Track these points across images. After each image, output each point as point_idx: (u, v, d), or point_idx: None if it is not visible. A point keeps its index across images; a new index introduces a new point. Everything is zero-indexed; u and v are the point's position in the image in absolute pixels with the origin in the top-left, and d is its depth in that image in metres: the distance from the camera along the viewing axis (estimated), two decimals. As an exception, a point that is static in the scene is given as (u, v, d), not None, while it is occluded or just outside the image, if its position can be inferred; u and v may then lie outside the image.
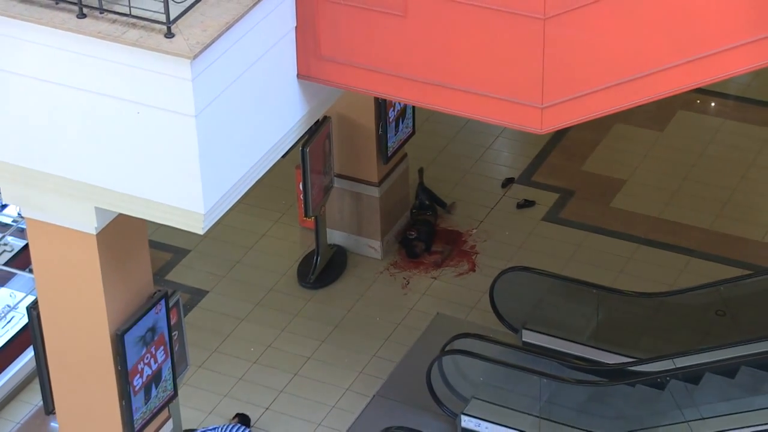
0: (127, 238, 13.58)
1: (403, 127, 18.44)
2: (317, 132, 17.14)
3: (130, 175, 12.20)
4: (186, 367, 15.50)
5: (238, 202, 12.64)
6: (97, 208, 12.86)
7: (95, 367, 13.98)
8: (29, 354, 16.39)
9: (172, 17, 11.44)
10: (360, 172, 18.26)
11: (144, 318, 13.97)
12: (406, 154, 18.81)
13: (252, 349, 17.32)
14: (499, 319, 17.19)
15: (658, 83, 11.95)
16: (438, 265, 18.54)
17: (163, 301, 14.22)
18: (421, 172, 19.35)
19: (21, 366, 16.75)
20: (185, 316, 16.01)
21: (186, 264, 18.67)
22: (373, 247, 18.63)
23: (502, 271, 17.26)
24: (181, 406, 15.69)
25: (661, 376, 15.58)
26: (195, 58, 11.37)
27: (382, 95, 14.76)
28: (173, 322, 14.58)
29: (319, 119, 16.27)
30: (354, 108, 17.62)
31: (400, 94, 13.15)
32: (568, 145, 20.46)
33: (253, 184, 12.79)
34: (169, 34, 11.44)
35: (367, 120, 17.86)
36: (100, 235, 13.17)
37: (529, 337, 16.97)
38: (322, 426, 16.29)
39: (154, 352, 14.25)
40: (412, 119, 18.59)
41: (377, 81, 12.79)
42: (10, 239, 17.80)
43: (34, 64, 11.97)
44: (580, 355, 16.66)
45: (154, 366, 14.32)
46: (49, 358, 14.26)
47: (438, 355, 16.07)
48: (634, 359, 16.33)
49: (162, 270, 18.34)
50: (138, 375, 14.10)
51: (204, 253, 18.73)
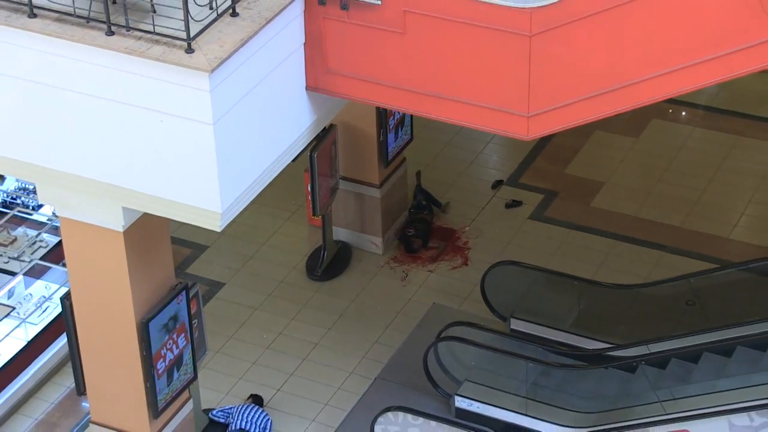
0: (151, 235, 13.59)
1: (402, 134, 18.44)
2: (324, 138, 17.14)
3: (154, 177, 12.22)
4: (205, 352, 15.52)
5: (252, 202, 12.66)
6: (124, 208, 12.87)
7: (122, 353, 14.00)
8: (62, 340, 16.39)
9: (192, 34, 11.46)
10: (363, 175, 18.26)
11: (166, 308, 13.99)
12: (405, 159, 18.81)
13: (265, 335, 17.32)
14: (489, 308, 17.18)
15: (633, 94, 11.95)
16: (434, 259, 18.54)
17: (183, 293, 14.24)
18: (418, 174, 19.34)
19: (55, 351, 16.74)
20: (204, 305, 16.02)
21: (205, 259, 18.68)
22: (374, 243, 18.63)
23: (492, 265, 17.24)
24: (201, 388, 15.73)
25: (636, 360, 15.59)
26: (213, 72, 11.38)
27: (383, 105, 14.76)
28: (193, 312, 14.60)
29: (325, 127, 16.30)
30: (357, 117, 17.62)
31: (399, 104, 13.16)
32: (552, 151, 20.46)
33: (266, 186, 12.82)
34: (189, 50, 11.46)
35: (369, 127, 17.86)
36: (126, 233, 13.19)
37: (516, 325, 16.95)
38: (329, 406, 16.29)
39: (175, 339, 14.27)
40: (410, 127, 18.59)
41: (379, 92, 12.80)
42: (46, 236, 17.81)
43: (67, 77, 11.98)
44: (563, 341, 16.63)
45: (176, 351, 14.33)
46: (81, 344, 14.29)
47: (434, 341, 16.05)
48: (611, 345, 16.34)
49: (183, 264, 18.34)
50: (161, 359, 14.12)
51: (221, 249, 18.74)
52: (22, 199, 18.35)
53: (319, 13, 12.42)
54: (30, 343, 16.48)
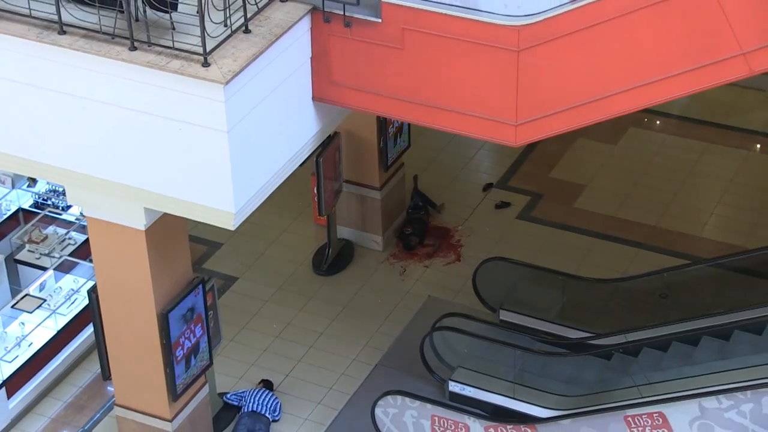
0: (170, 233, 13.59)
1: (400, 141, 18.44)
2: (329, 145, 17.14)
3: (173, 180, 12.22)
4: (220, 341, 15.52)
5: (263, 202, 12.67)
6: (145, 209, 12.87)
7: (144, 341, 14.00)
8: (89, 330, 16.41)
9: (208, 49, 11.47)
10: (364, 179, 18.26)
11: (185, 300, 13.99)
12: (403, 164, 18.80)
13: (274, 325, 17.32)
14: (480, 301, 17.18)
15: (612, 105, 11.96)
16: (429, 256, 18.53)
17: (200, 286, 14.24)
18: (415, 178, 19.34)
19: (82, 340, 16.75)
20: (219, 298, 16.02)
21: (219, 255, 18.67)
22: (375, 241, 18.62)
23: (482, 261, 17.24)
24: (216, 373, 15.73)
25: (614, 348, 15.59)
26: (227, 84, 11.39)
27: (383, 114, 14.79)
28: (209, 303, 14.59)
29: (330, 134, 16.31)
30: (359, 125, 17.62)
31: (398, 113, 13.17)
32: (538, 156, 20.45)
33: (276, 188, 12.82)
34: (205, 64, 11.47)
35: (371, 135, 17.86)
36: (148, 231, 13.19)
37: (505, 316, 16.95)
38: (333, 390, 16.29)
39: (193, 329, 14.27)
40: (408, 134, 18.58)
41: (379, 102, 12.81)
42: (74, 234, 17.81)
43: (94, 89, 11.99)
44: (548, 331, 16.63)
45: (193, 340, 14.33)
46: (106, 334, 14.29)
47: (429, 331, 16.05)
48: (592, 334, 16.34)
49: (199, 260, 18.34)
50: (180, 347, 14.12)
51: (234, 246, 18.74)
52: (53, 200, 18.34)
53: (324, 30, 12.43)
54: (59, 332, 16.48)
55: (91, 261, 15.31)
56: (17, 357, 16.03)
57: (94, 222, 13.47)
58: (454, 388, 15.65)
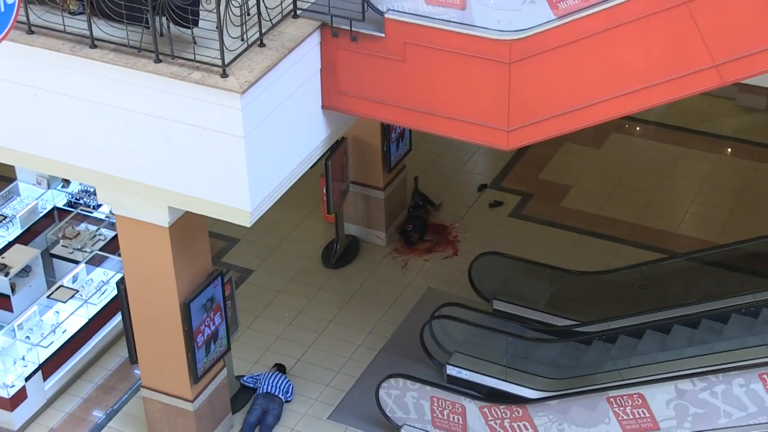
0: (191, 230, 13.61)
1: (402, 145, 18.43)
2: (337, 149, 17.14)
3: (194, 181, 12.23)
4: (237, 328, 15.52)
5: (276, 201, 12.68)
6: (169, 207, 12.89)
7: (168, 328, 14.01)
8: (118, 318, 16.42)
9: (226, 62, 11.48)
10: (369, 180, 18.26)
11: (205, 290, 14.00)
12: (405, 166, 18.80)
13: (287, 314, 17.31)
14: (475, 291, 17.17)
15: (596, 112, 11.96)
16: (429, 250, 18.53)
17: (219, 278, 14.24)
18: (416, 179, 19.32)
19: (112, 327, 16.76)
20: (236, 289, 16.04)
21: (237, 249, 18.67)
22: (379, 236, 18.62)
23: (477, 255, 17.22)
24: (233, 358, 15.74)
25: (598, 335, 15.58)
26: (244, 93, 11.40)
27: (386, 121, 14.79)
28: (227, 294, 14.60)
29: (338, 139, 16.30)
30: (365, 131, 17.62)
31: (400, 120, 13.17)
32: (528, 159, 20.44)
33: (288, 188, 12.83)
34: (224, 75, 11.47)
35: (375, 140, 17.86)
36: (171, 228, 13.20)
37: (498, 305, 16.94)
38: (340, 373, 16.29)
39: (212, 317, 14.27)
40: (409, 139, 18.57)
41: (383, 110, 12.81)
42: (104, 231, 17.81)
43: (122, 98, 12.00)
44: (538, 319, 16.63)
45: (213, 327, 14.34)
46: (133, 321, 14.30)
47: (429, 319, 16.06)
48: (578, 322, 16.33)
49: (218, 254, 18.34)
50: (200, 334, 14.13)
51: (251, 241, 18.73)
52: (84, 199, 18.35)
53: (332, 43, 12.43)
54: (91, 320, 16.49)
55: (119, 255, 15.32)
56: (52, 343, 16.04)
57: (122, 219, 13.48)
58: (452, 371, 15.65)
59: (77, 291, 16.69)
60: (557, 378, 15.34)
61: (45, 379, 15.87)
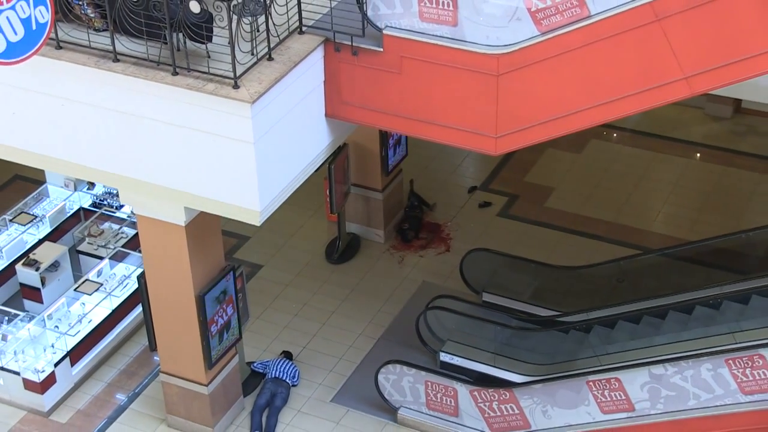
0: (206, 228, 13.60)
1: (399, 151, 18.42)
2: (339, 154, 17.13)
3: (208, 183, 12.23)
4: (248, 318, 15.52)
5: (283, 202, 12.67)
6: (185, 207, 12.89)
7: (184, 319, 14.01)
8: (138, 309, 16.42)
9: (237, 74, 11.49)
10: (369, 182, 18.25)
11: (218, 284, 14.00)
12: (402, 170, 18.78)
13: (293, 305, 17.30)
14: (466, 285, 17.15)
15: (576, 120, 11.96)
16: (423, 247, 18.51)
17: (231, 272, 14.24)
18: (411, 182, 19.30)
19: (133, 318, 16.75)
20: (247, 282, 16.03)
21: (247, 246, 18.65)
22: (378, 234, 18.61)
23: (468, 251, 17.21)
24: (244, 346, 15.73)
25: (579, 324, 15.58)
26: (253, 103, 11.41)
27: (384, 128, 14.80)
28: (239, 287, 14.59)
29: (340, 145, 16.31)
30: (365, 137, 17.61)
31: (397, 127, 13.18)
32: (515, 163, 20.42)
33: (294, 190, 12.82)
34: (235, 86, 11.48)
35: (374, 146, 17.85)
36: (187, 227, 13.20)
37: (487, 297, 16.92)
38: (343, 359, 16.28)
39: (225, 308, 14.26)
40: (405, 145, 18.55)
41: (381, 119, 12.81)
42: (126, 229, 17.81)
43: (142, 107, 12.01)
44: (523, 309, 16.62)
45: (225, 318, 14.33)
46: (153, 312, 14.30)
47: (423, 310, 16.06)
48: (560, 312, 16.33)
49: (230, 251, 18.33)
50: (214, 324, 14.12)
51: (260, 239, 18.71)
52: (108, 200, 18.35)
53: (335, 57, 12.43)
54: (114, 311, 16.48)
55: (140, 252, 15.31)
56: (79, 332, 16.04)
57: (142, 219, 13.48)
58: (445, 358, 15.64)
59: (101, 284, 16.68)
60: (541, 364, 15.33)
61: (72, 364, 15.86)
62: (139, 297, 14.58)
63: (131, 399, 15.82)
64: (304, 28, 12.35)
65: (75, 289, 16.59)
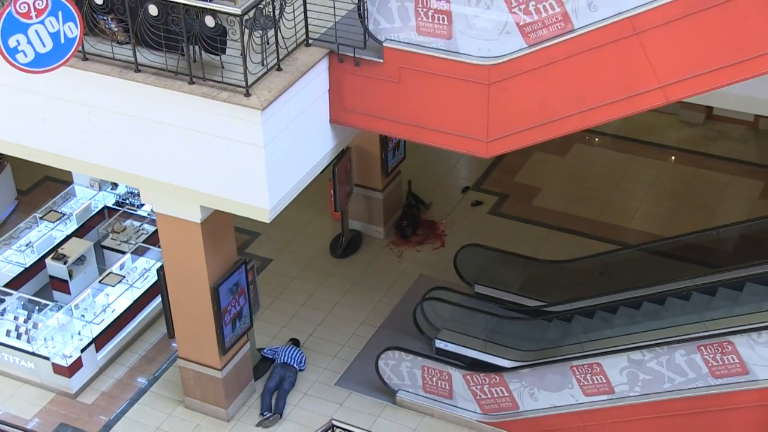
0: (220, 225, 13.60)
1: (398, 153, 18.41)
2: (342, 156, 17.13)
3: (222, 184, 12.23)
4: (258, 308, 15.52)
5: (291, 201, 12.67)
6: (201, 206, 12.89)
7: (200, 308, 14.02)
8: (158, 300, 16.42)
9: (249, 83, 11.49)
10: (370, 183, 18.24)
11: (231, 277, 14.00)
12: (400, 171, 18.77)
13: (300, 296, 17.29)
14: (460, 277, 17.14)
15: (561, 126, 11.95)
16: (420, 243, 18.51)
17: (243, 266, 14.24)
18: (409, 183, 19.28)
19: (153, 307, 16.75)
20: (258, 275, 16.03)
21: (258, 242, 18.64)
22: (378, 231, 18.60)
23: (462, 247, 17.22)
24: (255, 333, 15.73)
25: (563, 314, 15.58)
26: (264, 110, 11.41)
27: (384, 133, 14.78)
28: (250, 280, 14.59)
29: (343, 149, 16.31)
30: (366, 141, 17.61)
31: (396, 132, 13.16)
32: (505, 165, 20.40)
33: (301, 190, 12.82)
34: (247, 94, 11.48)
35: (375, 149, 17.84)
36: (203, 224, 13.21)
37: (480, 289, 16.92)
38: (346, 346, 16.27)
39: (237, 299, 14.27)
40: (404, 148, 18.55)
41: (381, 124, 12.80)
42: (146, 226, 17.82)
43: (162, 113, 12.01)
44: (513, 300, 16.61)
45: (238, 308, 14.34)
46: (171, 303, 14.30)
47: (420, 300, 16.05)
48: (546, 303, 16.33)
49: (242, 246, 18.32)
50: (228, 314, 14.13)
51: (270, 235, 18.71)
52: (130, 199, 18.35)
53: (339, 67, 12.44)
54: (135, 301, 16.49)
55: (159, 247, 15.32)
56: (103, 320, 16.04)
57: (161, 217, 13.48)
58: (440, 344, 15.64)
59: (124, 277, 16.69)
60: (529, 350, 15.33)
61: (97, 350, 15.87)
62: (159, 288, 14.58)
63: (151, 382, 15.83)
64: (310, 41, 12.35)
65: (99, 281, 16.60)
